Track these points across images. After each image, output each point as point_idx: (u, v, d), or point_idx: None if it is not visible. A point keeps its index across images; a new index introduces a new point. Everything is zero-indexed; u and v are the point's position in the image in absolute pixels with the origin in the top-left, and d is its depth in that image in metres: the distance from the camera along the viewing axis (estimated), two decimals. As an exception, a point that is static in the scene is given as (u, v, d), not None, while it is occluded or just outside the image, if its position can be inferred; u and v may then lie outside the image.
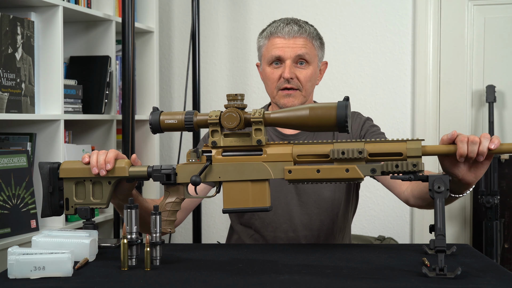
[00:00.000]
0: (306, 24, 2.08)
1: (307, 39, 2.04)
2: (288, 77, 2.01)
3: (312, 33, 2.06)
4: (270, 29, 2.07)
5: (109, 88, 2.94)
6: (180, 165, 1.63)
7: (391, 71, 3.35)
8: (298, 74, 2.03)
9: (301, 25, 2.06)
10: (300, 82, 2.03)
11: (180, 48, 3.59)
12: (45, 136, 2.60)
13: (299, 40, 2.03)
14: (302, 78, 2.03)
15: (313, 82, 2.08)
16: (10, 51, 2.43)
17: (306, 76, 2.04)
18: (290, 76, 2.02)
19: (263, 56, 2.09)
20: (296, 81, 2.03)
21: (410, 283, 1.38)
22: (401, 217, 3.35)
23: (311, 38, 2.05)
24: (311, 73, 2.05)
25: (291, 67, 2.02)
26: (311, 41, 2.05)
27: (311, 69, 2.05)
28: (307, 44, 2.04)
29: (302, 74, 2.03)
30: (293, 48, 2.02)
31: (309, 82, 2.05)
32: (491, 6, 3.28)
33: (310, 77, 2.04)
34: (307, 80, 2.04)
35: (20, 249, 1.47)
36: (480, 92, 3.29)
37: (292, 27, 2.03)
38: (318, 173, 1.53)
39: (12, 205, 2.38)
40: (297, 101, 2.03)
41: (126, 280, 1.43)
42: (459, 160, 1.54)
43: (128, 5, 2.78)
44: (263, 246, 1.89)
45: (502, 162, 3.17)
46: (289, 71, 2.01)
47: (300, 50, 2.02)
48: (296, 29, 2.03)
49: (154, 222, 1.55)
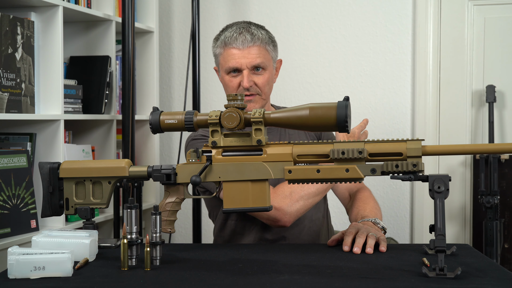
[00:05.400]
0: (257, 29, 2.14)
1: (260, 46, 2.11)
2: (247, 86, 2.10)
3: (264, 39, 2.13)
4: (224, 38, 2.13)
5: (109, 88, 2.94)
6: (180, 165, 1.63)
7: (391, 71, 3.35)
8: (256, 80, 2.11)
9: (253, 32, 2.11)
10: (258, 87, 2.12)
11: (180, 48, 3.59)
12: (45, 136, 2.60)
13: (253, 49, 2.10)
14: (260, 84, 2.11)
15: (271, 84, 2.17)
16: (10, 51, 2.43)
17: (263, 81, 2.12)
18: (249, 84, 2.10)
19: (220, 65, 2.16)
20: (255, 87, 2.11)
21: (410, 283, 1.38)
22: (401, 217, 3.35)
23: (264, 44, 2.12)
24: (267, 77, 2.13)
25: (248, 76, 2.10)
26: (264, 47, 2.12)
27: (268, 73, 2.13)
28: (261, 51, 2.11)
29: (259, 80, 2.11)
30: (248, 59, 2.09)
31: (267, 86, 2.14)
32: (491, 6, 3.28)
33: (267, 81, 2.13)
34: (265, 85, 2.12)
35: (20, 249, 1.47)
36: (480, 92, 3.29)
37: (245, 36, 2.10)
38: (318, 173, 1.53)
39: (12, 205, 2.38)
40: (258, 105, 2.13)
41: (126, 280, 1.43)
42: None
43: (128, 5, 2.78)
44: (263, 246, 1.89)
45: (502, 162, 3.17)
46: (247, 80, 2.09)
47: (255, 60, 2.10)
48: (249, 39, 2.10)
49: (154, 222, 1.55)
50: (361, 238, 1.73)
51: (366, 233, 1.75)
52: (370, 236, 1.74)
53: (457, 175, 3.32)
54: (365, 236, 1.74)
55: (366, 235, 1.74)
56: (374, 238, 1.73)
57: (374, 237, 1.74)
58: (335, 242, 1.79)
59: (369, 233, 1.75)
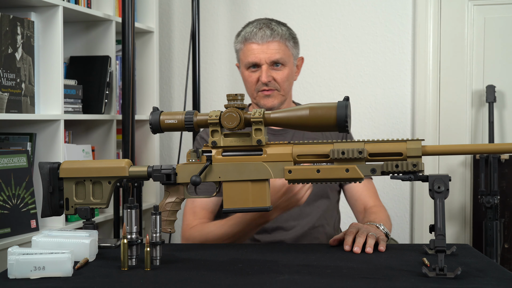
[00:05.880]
0: (278, 25, 2.15)
1: (280, 42, 2.12)
2: (265, 81, 2.11)
3: (284, 35, 2.13)
4: (244, 33, 2.15)
5: (109, 88, 2.94)
6: (180, 165, 1.63)
7: (391, 71, 3.35)
8: (275, 76, 2.12)
9: (273, 28, 2.12)
10: (277, 83, 2.13)
11: (180, 48, 3.59)
12: (45, 136, 2.60)
13: (272, 44, 2.11)
14: (279, 79, 2.12)
15: (291, 80, 2.17)
16: (10, 51, 2.43)
17: (282, 77, 2.13)
18: (268, 79, 2.11)
19: (240, 60, 2.18)
20: (274, 82, 2.12)
21: (410, 283, 1.38)
22: (401, 217, 3.35)
23: (284, 40, 2.13)
24: (287, 73, 2.14)
25: (267, 71, 2.11)
26: (284, 43, 2.13)
27: (287, 70, 2.14)
28: (281, 47, 2.12)
29: (278, 75, 2.12)
30: (267, 54, 2.11)
31: (286, 82, 2.14)
32: (491, 6, 3.28)
33: (286, 77, 2.14)
34: (284, 81, 2.13)
35: (20, 249, 1.47)
36: (480, 92, 3.29)
37: (265, 31, 2.11)
38: (318, 173, 1.53)
39: (12, 205, 2.38)
40: (276, 101, 2.13)
41: (126, 280, 1.43)
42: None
43: (128, 5, 2.78)
44: (263, 246, 1.89)
45: (502, 162, 3.17)
46: (266, 75, 2.10)
47: (274, 56, 2.11)
48: (269, 34, 2.11)
49: (154, 222, 1.55)
50: (361, 237, 1.73)
51: (366, 233, 1.75)
52: (370, 235, 1.74)
53: (457, 175, 3.32)
54: (365, 235, 1.74)
55: (366, 235, 1.74)
56: (374, 237, 1.74)
57: (374, 236, 1.74)
58: (337, 241, 1.79)
59: (369, 232, 1.76)
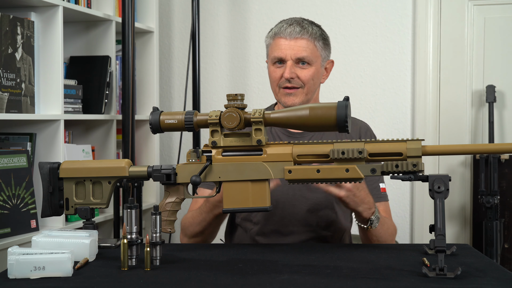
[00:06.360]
0: (310, 24, 2.10)
1: (308, 40, 2.06)
2: (288, 77, 2.04)
3: (315, 34, 2.08)
4: (275, 29, 2.11)
5: (109, 88, 2.93)
6: (180, 165, 1.63)
7: (391, 71, 3.35)
8: (299, 73, 2.06)
9: (304, 26, 2.07)
10: (301, 80, 2.06)
11: (180, 48, 3.59)
12: (45, 136, 2.60)
13: (300, 41, 2.05)
14: (303, 77, 2.06)
15: (316, 81, 2.10)
16: (10, 51, 2.43)
17: (307, 76, 2.06)
18: (290, 76, 2.04)
19: (268, 55, 2.13)
20: (297, 80, 2.06)
21: (410, 283, 1.38)
22: (401, 217, 3.35)
23: (313, 39, 2.07)
24: (312, 72, 2.07)
25: (291, 67, 2.04)
26: (313, 42, 2.07)
27: (313, 69, 2.07)
28: (309, 45, 2.06)
29: (303, 73, 2.06)
30: (293, 50, 2.05)
31: (311, 81, 2.07)
32: (491, 6, 3.28)
33: (311, 76, 2.07)
34: (308, 79, 2.06)
35: (20, 249, 1.47)
36: (480, 92, 3.29)
37: (294, 28, 2.06)
38: (318, 173, 1.53)
39: (12, 205, 2.38)
40: (298, 100, 2.06)
41: (126, 280, 1.43)
42: None
43: (128, 5, 2.78)
44: (263, 246, 1.89)
45: (502, 162, 3.17)
46: (289, 71, 2.04)
47: (301, 53, 2.05)
48: (298, 30, 2.06)
49: (154, 222, 1.55)
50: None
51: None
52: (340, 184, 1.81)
53: (457, 175, 3.32)
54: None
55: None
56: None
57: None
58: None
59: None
